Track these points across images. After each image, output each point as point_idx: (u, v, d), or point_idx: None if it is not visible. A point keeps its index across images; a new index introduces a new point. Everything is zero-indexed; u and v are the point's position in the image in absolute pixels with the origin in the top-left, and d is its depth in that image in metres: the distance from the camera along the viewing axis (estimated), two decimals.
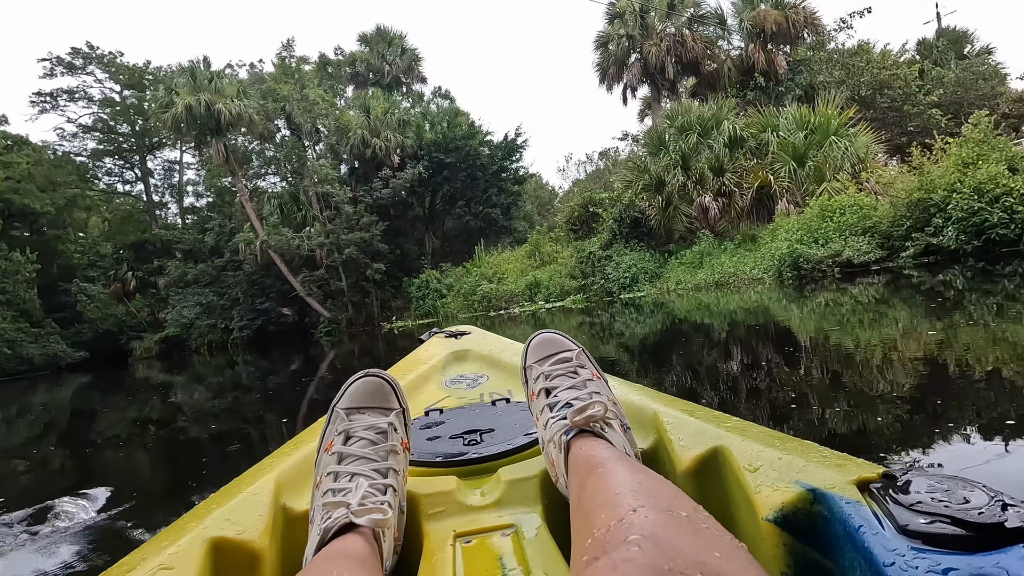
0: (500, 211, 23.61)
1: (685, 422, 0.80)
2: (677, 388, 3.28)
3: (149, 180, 33.87)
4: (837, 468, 0.58)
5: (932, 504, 0.47)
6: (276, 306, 23.57)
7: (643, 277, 13.70)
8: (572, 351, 0.82)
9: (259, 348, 20.24)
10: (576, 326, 11.39)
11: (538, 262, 18.73)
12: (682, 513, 0.45)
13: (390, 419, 0.75)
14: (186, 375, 12.56)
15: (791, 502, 0.56)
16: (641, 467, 0.59)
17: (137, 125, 32.91)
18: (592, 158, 34.13)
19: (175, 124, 19.78)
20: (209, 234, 26.58)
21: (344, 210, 20.76)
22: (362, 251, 21.11)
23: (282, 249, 20.80)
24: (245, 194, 21.35)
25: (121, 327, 29.04)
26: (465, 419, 1.06)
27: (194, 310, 25.12)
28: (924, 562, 0.42)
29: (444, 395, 1.32)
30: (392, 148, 22.12)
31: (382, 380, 0.78)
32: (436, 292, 20.48)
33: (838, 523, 0.51)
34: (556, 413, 0.74)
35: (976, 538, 0.42)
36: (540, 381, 0.80)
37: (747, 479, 0.62)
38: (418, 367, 1.53)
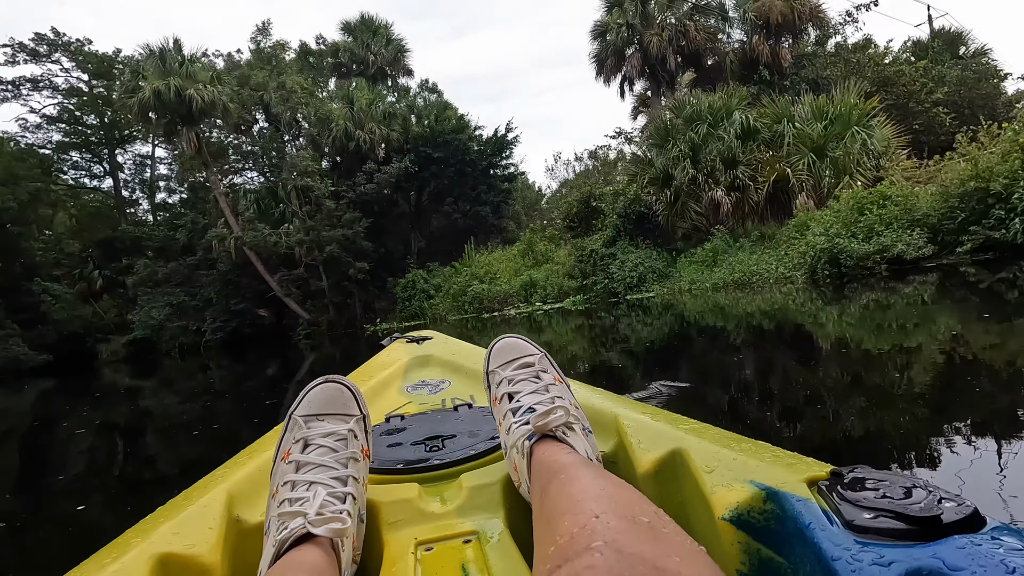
0: (490, 209, 22.30)
1: (645, 425, 0.79)
2: (702, 411, 2.62)
3: (118, 175, 31.79)
4: (788, 467, 0.59)
5: (876, 500, 0.48)
6: (252, 307, 21.91)
7: (651, 277, 12.53)
8: (534, 356, 0.81)
9: (234, 351, 19.05)
10: (574, 329, 10.14)
11: (532, 261, 17.47)
12: (643, 518, 0.44)
13: (350, 426, 0.72)
14: (155, 380, 11.80)
15: (745, 501, 0.56)
16: (603, 472, 0.59)
17: (106, 117, 30.83)
18: (582, 157, 33.01)
19: (142, 111, 18.07)
20: (181, 231, 24.79)
21: (325, 205, 19.24)
22: (344, 249, 19.61)
23: (258, 247, 19.20)
24: (219, 188, 19.70)
25: (88, 329, 27.14)
26: (427, 425, 1.02)
27: (163, 311, 23.32)
28: (868, 555, 0.43)
29: (405, 401, 1.27)
30: (377, 141, 20.67)
31: (342, 386, 0.75)
32: (423, 293, 19.08)
33: (789, 520, 0.51)
34: (518, 418, 0.73)
35: (916, 531, 0.43)
36: (502, 386, 0.79)
37: (704, 480, 0.62)
38: (379, 373, 1.46)
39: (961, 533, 0.43)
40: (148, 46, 18.51)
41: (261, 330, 22.09)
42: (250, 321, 22.08)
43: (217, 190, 19.62)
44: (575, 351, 6.62)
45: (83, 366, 24.20)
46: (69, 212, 32.13)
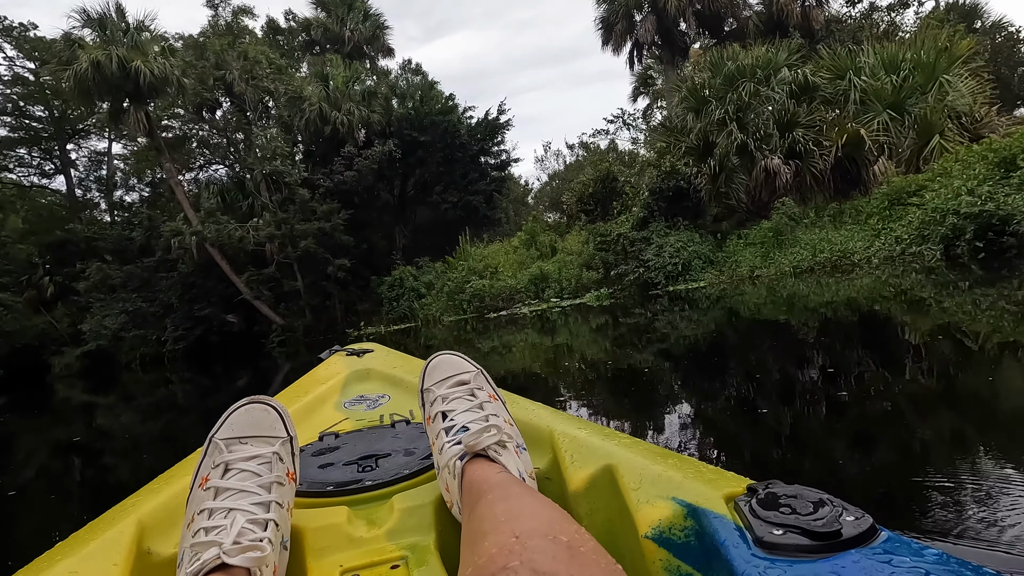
0: (483, 199, 19.55)
1: (579, 441, 0.77)
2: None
3: (71, 172, 28.10)
4: (709, 483, 0.58)
5: (785, 516, 0.48)
6: (218, 312, 18.74)
7: (697, 264, 9.98)
8: (470, 373, 0.78)
9: (200, 362, 16.58)
10: (595, 330, 7.82)
11: (538, 253, 14.83)
12: (563, 538, 0.44)
13: (275, 448, 0.66)
14: (113, 395, 10.58)
15: (667, 518, 0.56)
16: (530, 491, 0.58)
17: (55, 109, 27.19)
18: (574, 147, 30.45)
19: (80, 87, 14.84)
20: (138, 230, 21.50)
21: (299, 195, 16.27)
22: (321, 244, 16.64)
23: (222, 243, 16.12)
24: (174, 176, 16.53)
25: (43, 340, 23.68)
26: (362, 443, 0.94)
27: (118, 319, 19.98)
28: (774, 571, 0.43)
29: (342, 417, 1.16)
30: (356, 124, 17.74)
31: (267, 407, 0.69)
32: (413, 292, 16.23)
33: (707, 537, 0.50)
34: (451, 437, 0.70)
35: (819, 546, 0.44)
36: (437, 404, 0.76)
37: (631, 497, 0.61)
38: (315, 388, 1.34)
39: (858, 546, 0.43)
40: (85, 11, 15.29)
41: (229, 338, 18.97)
42: (216, 328, 18.95)
43: (172, 179, 16.45)
44: (597, 366, 5.02)
45: (37, 381, 21.16)
46: (19, 214, 28.44)
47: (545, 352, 6.52)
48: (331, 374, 1.44)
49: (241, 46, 15.99)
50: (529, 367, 5.63)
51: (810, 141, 9.74)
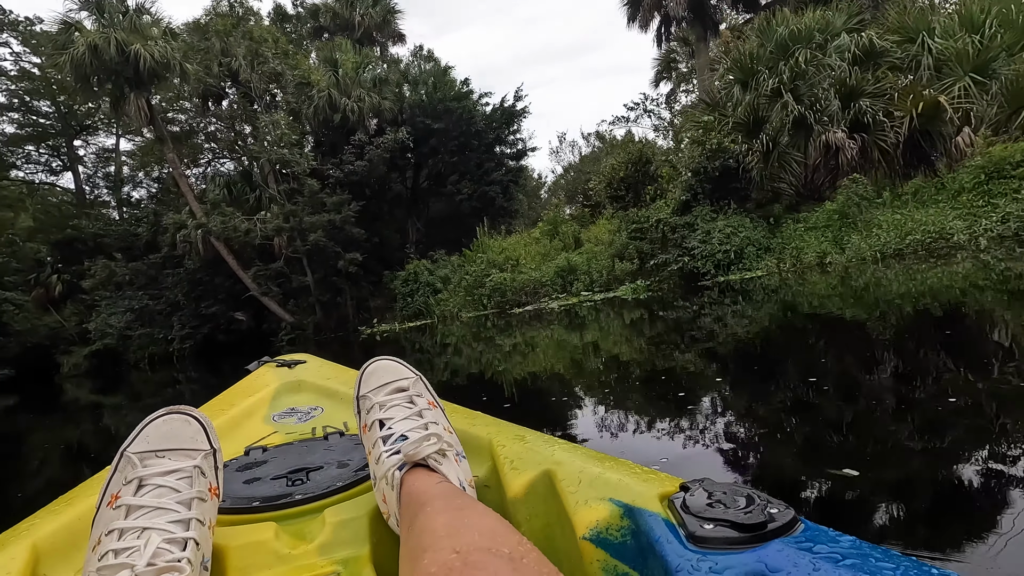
0: (499, 189, 18.38)
1: (517, 448, 0.75)
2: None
3: (79, 168, 27.25)
4: (645, 483, 0.58)
5: (714, 511, 0.49)
6: (226, 310, 17.74)
7: (750, 251, 8.75)
8: (409, 379, 0.74)
9: (208, 361, 15.67)
10: (629, 326, 6.94)
11: (562, 244, 13.65)
12: (504, 550, 0.43)
13: (196, 462, 0.61)
14: (120, 395, 10.09)
15: (604, 519, 0.56)
16: (471, 501, 0.56)
17: (62, 104, 26.32)
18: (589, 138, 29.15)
19: (77, 72, 13.82)
20: (144, 225, 20.56)
21: (307, 185, 15.16)
22: (331, 237, 15.53)
23: (228, 236, 15.06)
24: (177, 166, 15.48)
25: (54, 340, 22.93)
26: (292, 456, 0.88)
27: (124, 317, 19.06)
28: (706, 563, 0.44)
29: (270, 431, 1.08)
30: (366, 111, 16.60)
31: (188, 417, 0.63)
32: (428, 287, 15.09)
33: (642, 536, 0.51)
34: (389, 447, 0.67)
35: (747, 537, 0.45)
36: (374, 412, 0.71)
37: (569, 500, 0.60)
38: (242, 400, 1.24)
39: (782, 536, 0.45)
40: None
41: (238, 336, 17.97)
42: (224, 326, 17.96)
43: (176, 170, 15.41)
44: (628, 367, 4.27)
45: (46, 381, 20.41)
46: (28, 212, 27.66)
47: (571, 351, 5.70)
48: (259, 386, 1.33)
49: (246, 27, 14.89)
50: (552, 367, 4.89)
51: (879, 112, 8.46)
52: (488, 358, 6.15)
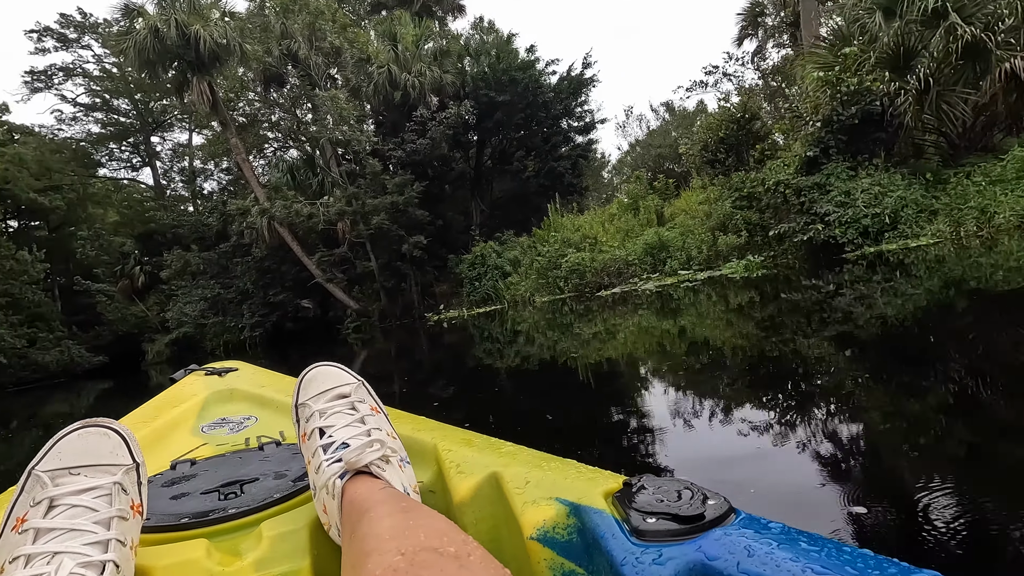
0: (568, 164, 16.81)
1: (463, 452, 0.73)
2: None
3: (156, 164, 27.84)
4: (589, 481, 0.58)
5: (655, 505, 0.50)
6: (293, 298, 17.22)
7: (908, 213, 6.83)
8: (350, 385, 0.70)
9: (278, 349, 15.25)
10: (734, 310, 5.65)
11: (646, 219, 11.99)
12: (450, 549, 0.42)
13: (116, 478, 0.55)
14: None
15: (551, 518, 0.55)
16: (415, 505, 0.54)
17: (139, 101, 26.87)
18: (658, 111, 26.90)
19: (141, 57, 13.39)
20: (214, 215, 20.45)
21: (369, 165, 14.17)
22: (394, 220, 14.52)
23: (291, 221, 14.35)
24: (241, 152, 14.87)
25: (142, 328, 23.59)
26: (224, 469, 0.82)
27: (198, 306, 19.01)
28: (649, 556, 0.45)
29: (199, 443, 0.99)
30: (428, 87, 15.40)
31: (107, 430, 0.58)
32: (496, 270, 13.82)
33: (588, 532, 0.51)
34: (330, 455, 0.63)
35: (686, 529, 0.46)
36: (314, 420, 0.67)
37: (515, 501, 0.59)
38: (167, 412, 1.14)
39: (718, 526, 0.45)
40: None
41: (305, 324, 17.46)
42: (292, 314, 17.47)
43: (239, 155, 14.80)
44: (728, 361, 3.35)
45: (134, 367, 20.93)
46: (116, 208, 28.68)
47: (660, 340, 4.72)
48: (186, 396, 1.23)
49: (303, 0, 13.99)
50: (636, 358, 4.04)
51: None
52: (564, 346, 5.26)
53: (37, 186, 24.27)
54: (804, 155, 7.75)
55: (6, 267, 21.79)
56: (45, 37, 25.20)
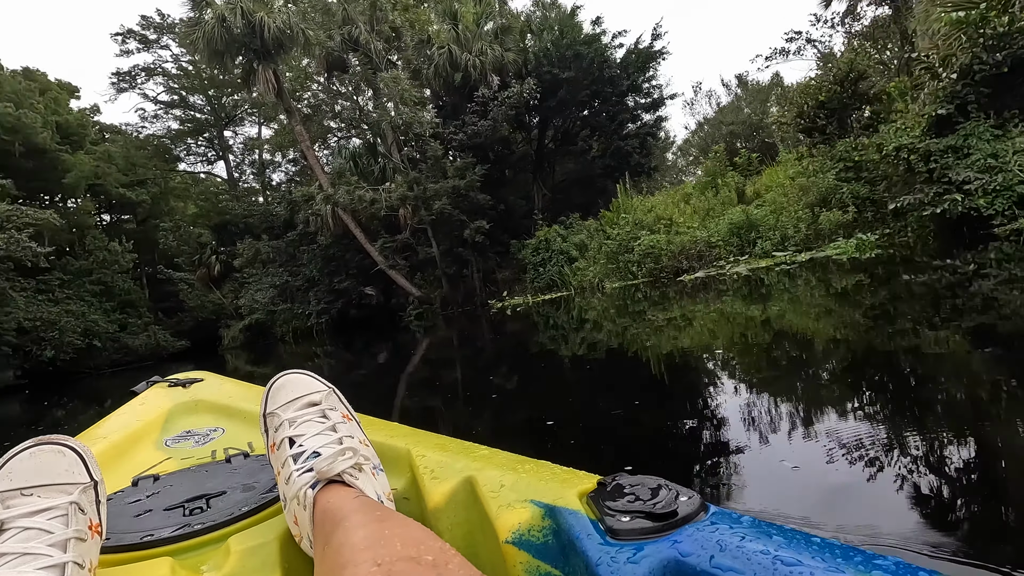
0: (636, 143, 15.76)
1: (437, 457, 0.72)
2: None
3: (229, 157, 28.86)
4: (564, 482, 0.57)
5: (630, 504, 0.49)
6: (357, 285, 17.22)
7: None
8: (320, 392, 0.67)
9: (343, 335, 15.26)
10: (838, 295, 4.78)
11: (727, 198, 10.90)
12: (428, 556, 0.41)
13: (73, 497, 0.53)
14: (270, 366, 9.84)
15: (526, 521, 0.55)
16: (389, 513, 0.52)
17: (212, 97, 27.87)
18: (730, 85, 25.08)
19: (209, 47, 13.52)
20: (281, 204, 20.84)
21: (431, 147, 13.75)
22: (456, 205, 14.07)
23: (354, 208, 14.19)
24: (305, 139, 14.83)
25: (219, 314, 24.74)
26: (189, 483, 0.78)
27: (268, 293, 19.44)
28: (624, 554, 0.44)
29: (163, 458, 0.95)
30: (489, 66, 14.79)
31: (62, 448, 0.55)
32: (562, 255, 13.09)
33: (563, 534, 0.51)
34: (300, 465, 0.60)
35: (660, 526, 0.46)
36: (283, 429, 0.64)
37: (490, 505, 0.58)
38: (128, 426, 1.07)
39: (692, 522, 0.46)
40: None
41: (368, 311, 17.46)
42: (356, 301, 17.51)
43: (303, 142, 14.77)
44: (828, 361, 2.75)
45: (212, 352, 21.91)
46: (194, 200, 30.10)
47: (744, 329, 4.05)
48: (149, 409, 1.16)
49: None
50: (708, 354, 3.43)
51: None
52: (634, 335, 4.74)
53: (124, 181, 25.70)
54: (933, 114, 6.51)
55: (100, 257, 23.25)
56: (128, 39, 26.45)
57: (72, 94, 27.20)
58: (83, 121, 26.13)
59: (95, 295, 22.70)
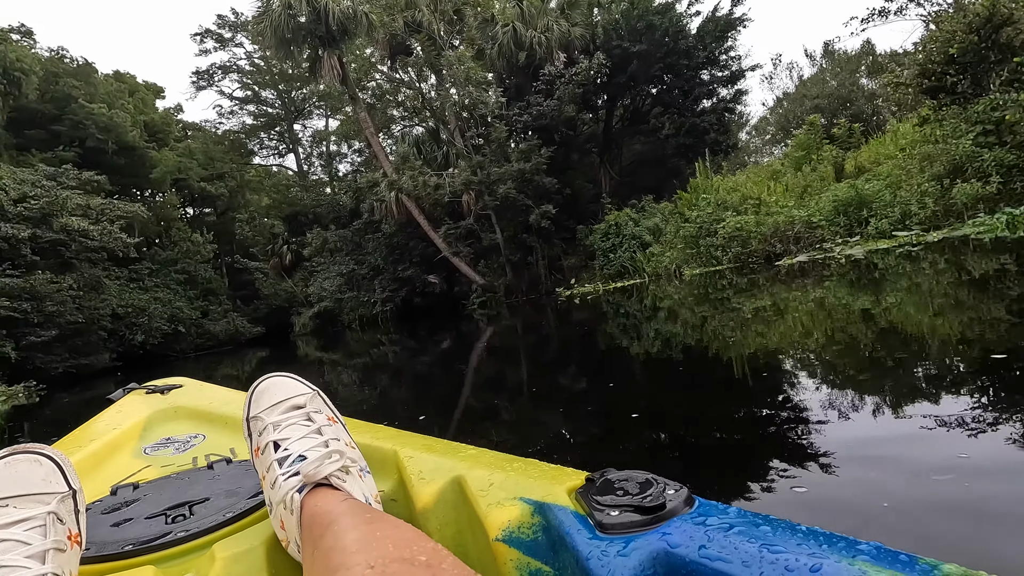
0: (713, 120, 14.54)
1: (424, 458, 0.71)
2: None
3: (298, 149, 29.64)
4: (553, 479, 0.58)
5: (619, 498, 0.50)
6: (420, 273, 17.06)
7: None
8: (305, 395, 0.66)
9: (407, 323, 15.22)
10: (975, 283, 3.90)
11: (821, 175, 9.67)
12: (421, 557, 0.41)
13: (51, 507, 0.52)
14: (338, 353, 10.10)
15: (516, 519, 0.55)
16: (379, 515, 0.52)
17: (282, 91, 28.64)
18: (814, 55, 22.96)
19: (277, 36, 13.55)
20: (347, 194, 21.05)
21: (495, 129, 13.20)
22: (521, 190, 13.49)
23: (418, 194, 13.91)
24: (368, 125, 14.67)
25: (291, 302, 25.62)
26: (170, 491, 0.77)
27: (335, 282, 19.72)
28: (614, 548, 0.45)
29: (142, 465, 0.93)
30: (555, 42, 14.02)
31: (39, 457, 0.54)
32: (634, 240, 12.21)
33: (553, 530, 0.51)
34: (286, 469, 0.59)
35: (649, 519, 0.46)
36: (267, 433, 0.63)
37: (479, 504, 0.58)
38: (105, 434, 1.03)
39: (680, 514, 0.46)
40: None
41: (431, 299, 17.30)
42: (419, 289, 17.38)
43: (367, 128, 14.61)
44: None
45: (284, 338, 22.69)
46: (267, 192, 31.26)
47: (845, 323, 3.33)
48: (126, 417, 1.11)
49: None
50: (795, 347, 2.85)
51: None
52: (715, 327, 4.24)
53: (204, 175, 26.91)
54: None
55: (184, 248, 24.52)
56: (206, 39, 27.54)
57: (158, 94, 28.67)
58: (167, 119, 27.54)
59: (180, 283, 23.90)
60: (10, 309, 13.62)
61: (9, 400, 10.25)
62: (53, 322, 14.74)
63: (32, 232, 14.61)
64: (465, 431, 2.70)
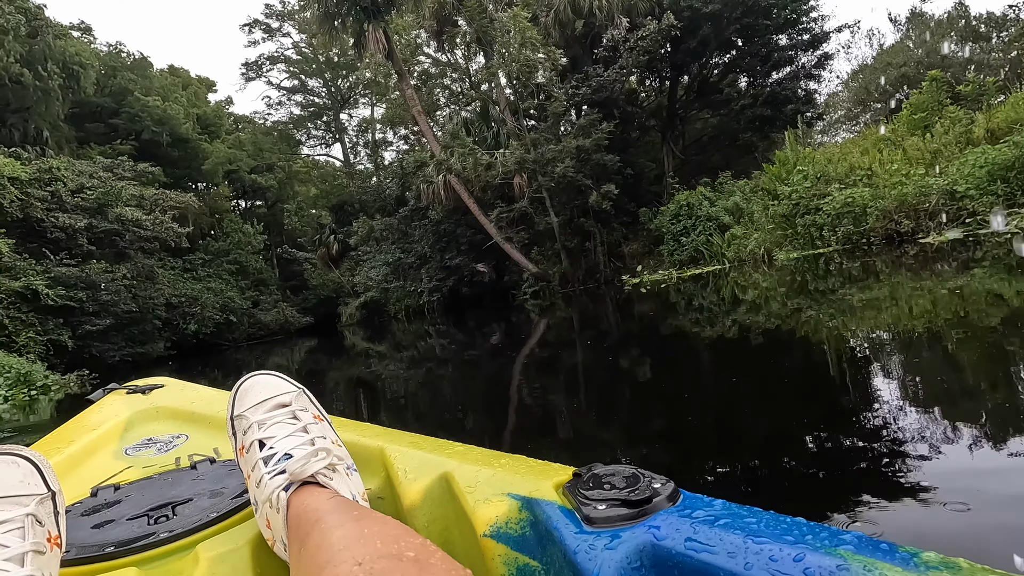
0: (796, 86, 12.78)
1: (411, 455, 0.70)
2: None
3: (344, 139, 29.17)
4: (540, 475, 0.58)
5: (606, 492, 0.50)
6: (468, 261, 16.05)
7: None
8: (290, 393, 0.65)
9: (455, 314, 14.55)
10: None
11: (958, 136, 7.96)
12: (409, 553, 0.41)
13: (30, 509, 0.50)
14: (384, 344, 9.55)
15: (504, 514, 0.54)
16: (367, 512, 0.51)
17: (328, 80, 28.18)
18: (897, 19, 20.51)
19: (322, 8, 12.70)
20: (393, 180, 20.25)
21: (552, 104, 11.92)
22: (579, 169, 12.20)
23: (467, 176, 12.84)
24: (416, 104, 13.65)
25: (338, 292, 25.25)
26: (152, 492, 0.76)
27: (381, 271, 18.98)
28: (601, 541, 0.45)
29: (123, 466, 0.90)
30: (616, 6, 12.58)
31: (16, 458, 0.53)
32: (710, 221, 10.73)
33: (541, 525, 0.51)
34: (272, 467, 0.58)
35: (636, 512, 0.47)
36: (252, 432, 0.62)
37: (467, 500, 0.58)
38: (85, 435, 1.01)
39: (666, 507, 0.46)
40: None
41: (479, 288, 16.28)
42: (467, 278, 16.38)
43: (414, 107, 13.60)
44: None
45: (332, 328, 22.32)
46: (314, 183, 31.05)
47: (976, 319, 2.47)
48: (106, 417, 1.07)
49: None
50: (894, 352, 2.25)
51: None
52: (821, 328, 3.32)
53: (253, 166, 26.77)
54: None
55: (235, 239, 24.40)
56: (254, 29, 27.30)
57: (210, 88, 28.71)
58: (219, 112, 27.52)
59: (232, 274, 23.79)
60: (67, 298, 13.45)
61: (61, 389, 9.81)
62: (108, 311, 14.55)
63: (88, 222, 14.42)
64: (520, 447, 2.10)
